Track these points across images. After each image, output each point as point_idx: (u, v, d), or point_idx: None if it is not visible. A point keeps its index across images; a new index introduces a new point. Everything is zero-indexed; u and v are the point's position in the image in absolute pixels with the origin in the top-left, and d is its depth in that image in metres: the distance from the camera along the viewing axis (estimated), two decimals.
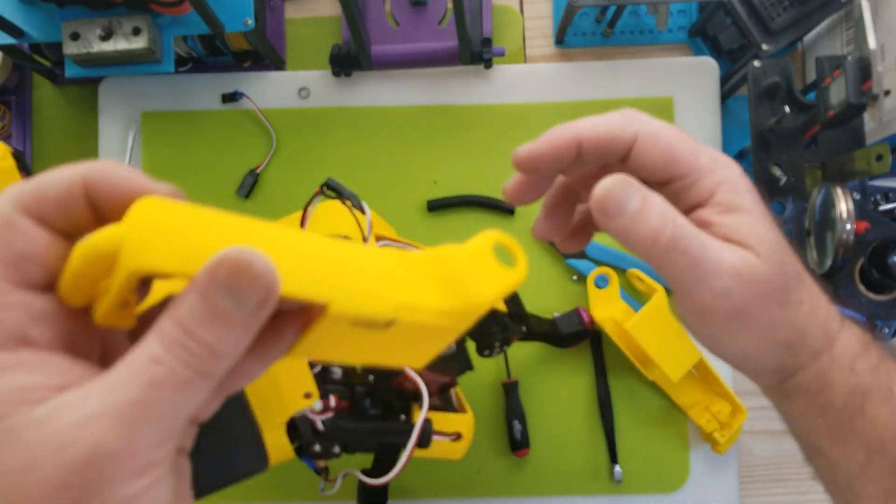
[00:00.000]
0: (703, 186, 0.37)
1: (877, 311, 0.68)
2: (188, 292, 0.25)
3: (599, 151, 0.37)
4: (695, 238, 0.35)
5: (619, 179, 0.34)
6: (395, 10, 0.83)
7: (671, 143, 0.37)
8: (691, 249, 0.34)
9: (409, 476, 0.75)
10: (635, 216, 0.34)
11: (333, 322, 0.27)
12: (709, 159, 0.37)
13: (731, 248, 0.36)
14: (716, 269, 0.35)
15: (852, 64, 0.63)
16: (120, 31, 0.70)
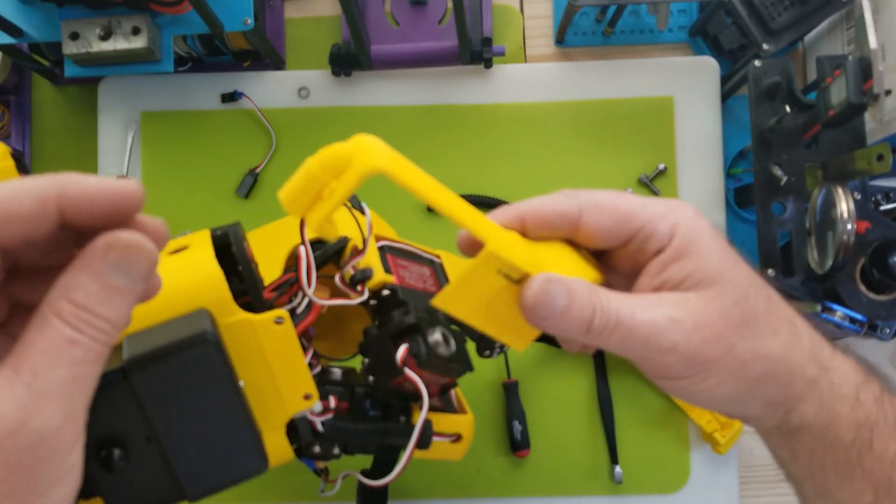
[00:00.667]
0: (660, 232, 0.38)
1: (877, 312, 0.68)
2: (79, 274, 0.28)
3: (545, 228, 0.39)
4: (623, 310, 0.36)
5: (542, 281, 0.36)
6: (395, 10, 0.83)
7: (616, 205, 0.38)
8: (622, 322, 0.35)
9: (409, 477, 0.75)
10: (564, 313, 0.35)
11: (485, 261, 0.35)
12: (659, 206, 0.38)
13: (663, 303, 0.36)
14: (651, 329, 0.35)
15: (853, 63, 0.63)
16: (119, 31, 0.70)
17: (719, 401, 0.38)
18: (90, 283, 0.28)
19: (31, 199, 0.28)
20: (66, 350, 0.27)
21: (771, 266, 0.70)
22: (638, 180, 0.80)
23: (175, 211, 0.81)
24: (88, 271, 0.28)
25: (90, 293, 0.28)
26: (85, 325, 0.28)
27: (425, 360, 0.51)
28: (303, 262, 0.49)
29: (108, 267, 0.28)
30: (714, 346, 0.36)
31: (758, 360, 0.37)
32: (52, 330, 0.27)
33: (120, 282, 0.28)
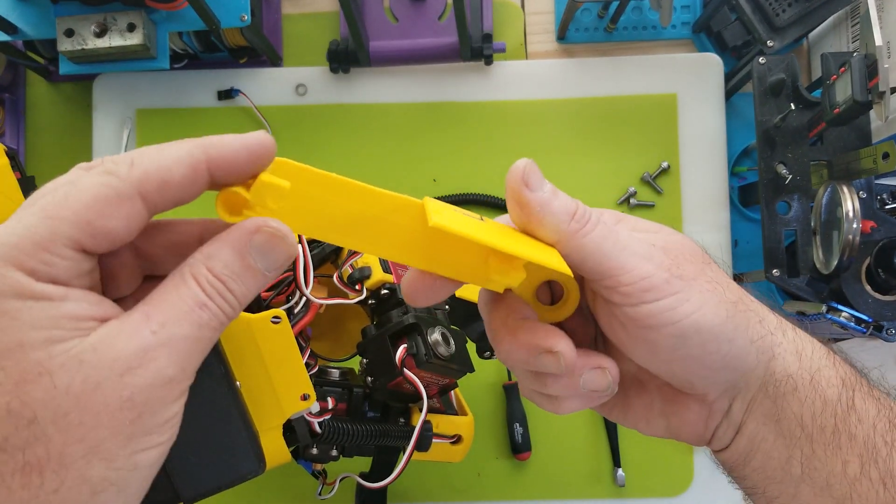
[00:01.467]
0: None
1: (883, 312, 0.67)
2: (223, 247, 0.30)
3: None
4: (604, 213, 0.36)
5: (527, 160, 0.35)
6: (394, 6, 0.82)
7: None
8: (604, 221, 0.35)
9: (408, 479, 0.75)
10: (551, 193, 0.35)
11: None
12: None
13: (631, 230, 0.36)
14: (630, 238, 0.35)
15: (858, 61, 0.62)
16: (115, 28, 0.69)
17: (707, 331, 0.34)
18: (232, 257, 0.30)
19: (184, 166, 0.29)
20: (195, 310, 0.29)
21: (776, 266, 0.70)
22: (641, 178, 0.79)
23: (171, 210, 0.80)
24: (233, 247, 0.30)
25: (228, 267, 0.30)
26: (217, 294, 0.30)
27: (424, 361, 0.51)
28: (300, 260, 0.48)
29: (252, 248, 0.30)
30: (687, 263, 0.35)
31: (729, 283, 0.36)
32: (187, 290, 0.29)
33: (258, 264, 0.30)
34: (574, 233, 0.34)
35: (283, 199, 0.32)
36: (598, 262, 0.34)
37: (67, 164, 0.89)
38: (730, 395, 0.37)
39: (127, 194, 0.29)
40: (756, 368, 0.36)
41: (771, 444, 0.37)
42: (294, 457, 0.52)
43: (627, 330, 0.35)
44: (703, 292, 0.34)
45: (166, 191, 0.29)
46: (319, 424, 0.51)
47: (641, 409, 0.40)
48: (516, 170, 0.34)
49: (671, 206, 0.79)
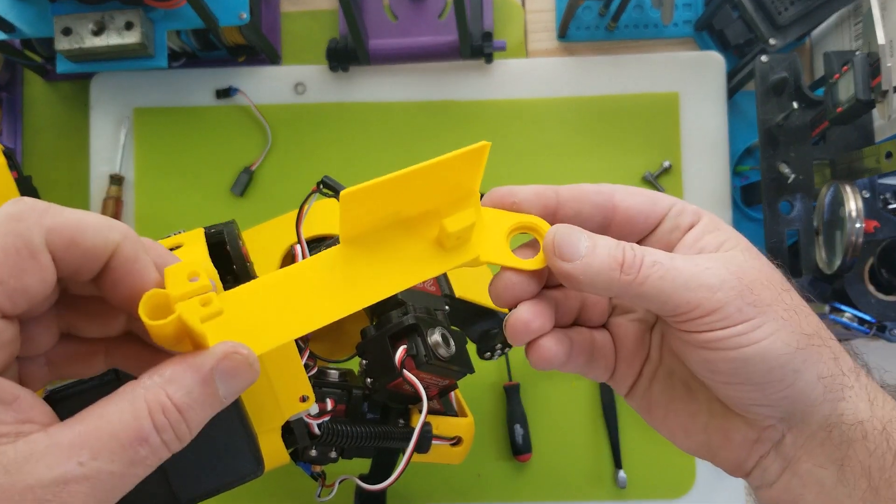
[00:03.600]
0: (692, 209, 0.36)
1: (886, 312, 0.67)
2: (187, 373, 0.27)
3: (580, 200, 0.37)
4: (659, 254, 0.33)
5: (564, 225, 0.34)
6: (394, 4, 0.82)
7: (641, 190, 0.37)
8: (661, 260, 0.32)
9: (407, 481, 0.74)
10: (590, 252, 0.33)
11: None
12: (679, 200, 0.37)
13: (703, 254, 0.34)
14: (694, 268, 0.32)
15: (861, 59, 0.62)
16: (112, 26, 0.69)
17: (773, 358, 0.32)
18: (195, 385, 0.28)
19: (99, 236, 0.28)
20: (133, 446, 0.26)
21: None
22: (642, 178, 0.79)
23: (169, 209, 0.80)
24: (198, 373, 0.28)
25: (190, 395, 0.27)
26: (168, 427, 0.27)
27: (424, 362, 0.50)
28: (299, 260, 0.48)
29: (217, 374, 0.28)
30: (764, 289, 0.32)
31: (803, 310, 0.33)
32: (133, 420, 0.27)
33: (220, 391, 0.28)
34: (628, 285, 0.32)
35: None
36: (663, 304, 0.32)
37: (65, 163, 0.88)
38: (786, 425, 0.34)
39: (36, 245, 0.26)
40: (822, 405, 0.34)
41: (829, 490, 0.34)
42: (293, 458, 0.51)
43: (688, 346, 0.34)
44: (777, 320, 0.32)
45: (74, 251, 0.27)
46: (318, 426, 0.51)
47: (685, 417, 0.38)
48: (548, 246, 0.34)
49: None
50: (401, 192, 0.33)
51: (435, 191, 0.35)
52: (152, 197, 0.80)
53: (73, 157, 0.83)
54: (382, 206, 0.33)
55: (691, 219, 0.36)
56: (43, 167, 0.83)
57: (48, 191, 0.79)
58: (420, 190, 0.34)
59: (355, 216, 0.32)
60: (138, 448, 0.26)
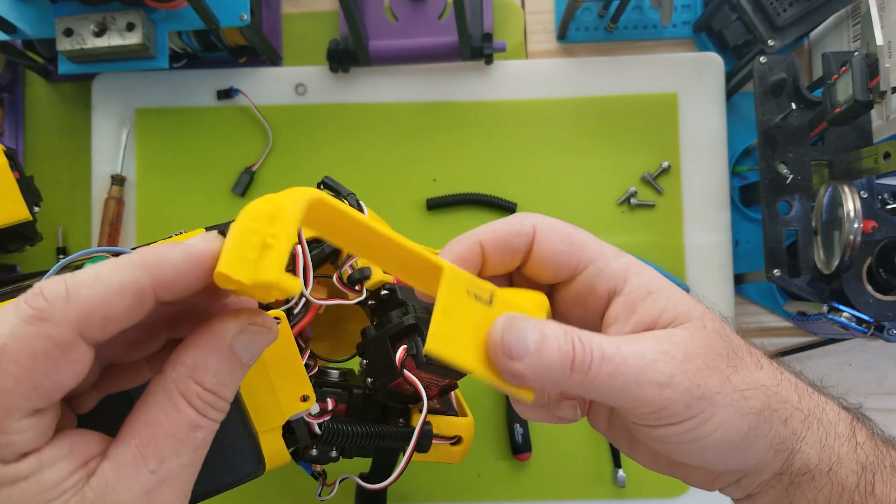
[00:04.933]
0: (614, 271, 0.35)
1: (884, 312, 0.67)
2: (208, 355, 0.28)
3: (502, 249, 0.36)
4: (607, 344, 0.32)
5: (505, 318, 0.32)
6: (394, 5, 0.82)
7: (571, 231, 0.36)
8: (609, 355, 0.32)
9: (408, 480, 0.74)
10: (539, 349, 0.31)
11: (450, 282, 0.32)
12: (612, 248, 0.36)
13: (646, 338, 0.33)
14: (642, 360, 0.32)
15: (859, 60, 0.62)
16: (114, 27, 0.69)
17: (724, 445, 0.34)
18: (220, 363, 0.28)
19: (128, 297, 0.26)
20: (190, 436, 0.28)
21: (777, 266, 0.69)
22: (641, 178, 0.79)
23: (170, 209, 0.80)
24: (219, 353, 0.28)
25: (219, 375, 0.28)
26: (210, 408, 0.28)
27: (424, 362, 0.50)
28: (299, 261, 0.48)
29: (238, 348, 0.29)
30: (710, 376, 0.32)
31: (755, 391, 0.34)
32: (179, 413, 0.28)
33: (244, 358, 0.29)
34: (578, 383, 0.32)
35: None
36: (612, 399, 0.32)
37: (66, 164, 0.89)
38: (737, 475, 0.37)
39: (69, 342, 0.26)
40: (772, 464, 0.35)
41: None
42: (294, 458, 0.51)
43: (640, 430, 0.34)
44: (725, 408, 0.33)
45: (109, 327, 0.26)
46: (319, 425, 0.51)
47: (648, 456, 0.39)
48: (494, 346, 0.32)
49: (672, 206, 0.79)
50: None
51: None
52: (153, 197, 0.81)
53: (74, 157, 0.83)
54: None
55: (612, 284, 0.35)
56: (45, 167, 0.83)
57: (49, 191, 0.79)
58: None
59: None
60: (195, 434, 0.28)
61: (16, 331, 0.25)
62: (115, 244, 0.79)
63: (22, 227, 0.68)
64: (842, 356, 0.79)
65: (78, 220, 0.82)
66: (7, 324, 0.25)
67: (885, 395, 0.79)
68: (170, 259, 0.27)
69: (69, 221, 0.82)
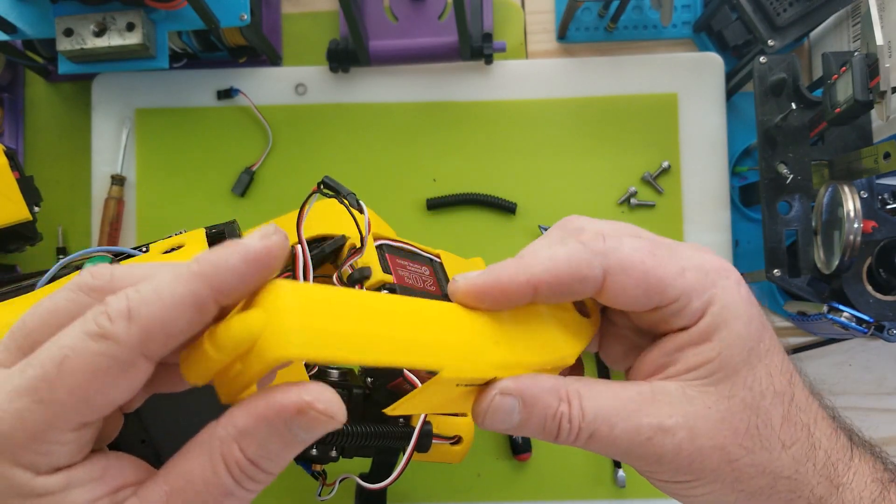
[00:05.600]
0: (691, 311, 0.32)
1: (884, 312, 0.67)
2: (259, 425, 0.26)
3: (560, 295, 0.32)
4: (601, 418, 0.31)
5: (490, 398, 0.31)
6: (394, 5, 0.82)
7: (648, 271, 0.32)
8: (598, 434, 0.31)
9: (408, 480, 0.74)
10: (522, 425, 0.31)
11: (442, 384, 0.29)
12: (696, 276, 0.32)
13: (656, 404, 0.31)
14: (634, 440, 0.31)
15: (859, 60, 0.62)
16: (114, 27, 0.69)
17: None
18: (269, 438, 0.26)
19: (189, 310, 0.25)
20: (220, 501, 0.27)
21: (776, 266, 0.69)
22: (641, 178, 0.79)
23: (170, 209, 0.80)
24: (271, 427, 0.26)
25: (265, 449, 0.26)
26: (249, 480, 0.27)
27: None
28: (299, 260, 0.48)
29: (295, 429, 0.26)
30: (710, 457, 0.31)
31: (760, 476, 0.32)
32: (214, 476, 0.26)
33: (298, 439, 0.27)
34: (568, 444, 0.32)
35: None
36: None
37: (66, 164, 0.88)
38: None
39: (129, 362, 0.25)
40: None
41: None
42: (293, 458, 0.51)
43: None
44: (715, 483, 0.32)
45: (171, 342, 0.26)
46: None
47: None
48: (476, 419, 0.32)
49: (672, 206, 0.79)
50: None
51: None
52: (154, 197, 0.81)
53: (74, 157, 0.83)
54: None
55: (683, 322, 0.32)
56: (45, 167, 0.83)
57: (50, 191, 0.79)
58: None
59: None
60: (225, 501, 0.27)
61: (79, 344, 0.24)
62: (115, 244, 0.79)
63: (22, 227, 0.68)
64: (842, 356, 0.79)
65: (78, 219, 0.82)
66: (71, 336, 0.25)
67: (885, 395, 0.79)
68: (227, 264, 0.25)
69: (69, 221, 0.82)
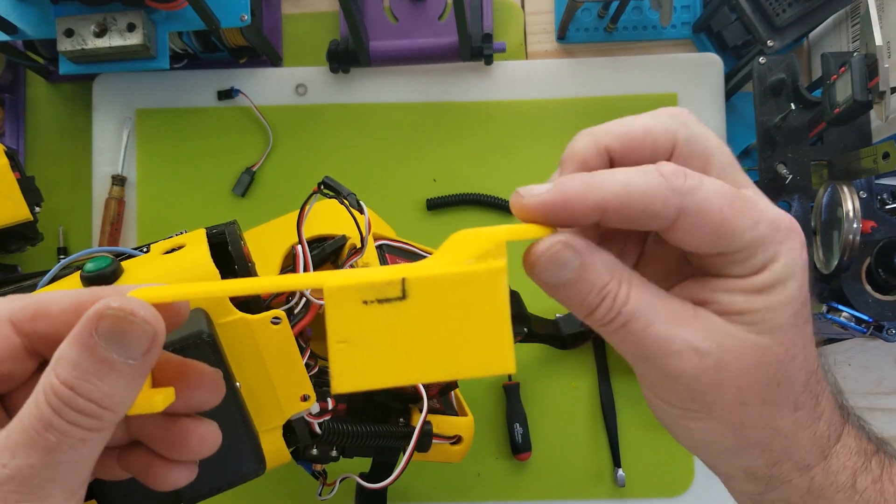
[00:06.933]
0: (754, 263, 0.30)
1: (883, 312, 0.67)
2: (70, 345, 0.25)
3: (627, 223, 0.30)
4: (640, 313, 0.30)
5: (553, 241, 0.29)
6: (394, 6, 0.82)
7: (724, 218, 0.29)
8: (631, 327, 0.30)
9: (408, 480, 0.74)
10: (567, 285, 0.30)
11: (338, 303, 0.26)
12: (768, 230, 0.30)
13: (697, 324, 0.30)
14: (662, 347, 0.30)
15: (858, 60, 0.62)
16: (114, 28, 0.69)
17: (700, 444, 0.33)
18: (78, 355, 0.25)
19: (67, 301, 0.27)
20: (41, 435, 0.25)
21: None
22: None
23: (170, 209, 0.81)
24: (78, 342, 0.26)
25: (77, 367, 0.25)
26: (65, 407, 0.25)
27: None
28: (300, 260, 0.48)
29: (100, 339, 0.25)
30: (727, 393, 0.31)
31: (763, 428, 0.32)
32: (35, 408, 0.26)
33: (115, 355, 0.25)
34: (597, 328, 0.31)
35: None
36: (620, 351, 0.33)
37: (67, 164, 0.89)
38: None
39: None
40: (745, 486, 0.35)
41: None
42: (294, 457, 0.52)
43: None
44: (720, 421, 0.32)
45: (40, 321, 0.27)
46: (319, 425, 0.51)
47: None
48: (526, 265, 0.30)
49: None
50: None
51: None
52: (154, 197, 0.81)
53: (75, 157, 0.83)
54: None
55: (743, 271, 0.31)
56: (45, 168, 0.83)
57: (51, 191, 0.79)
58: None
59: None
60: (47, 435, 0.25)
61: None
62: (116, 244, 0.79)
63: (23, 227, 0.68)
64: (841, 356, 0.79)
65: (79, 220, 0.82)
66: None
67: (884, 394, 0.79)
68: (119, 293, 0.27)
69: (70, 221, 0.82)
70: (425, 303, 0.27)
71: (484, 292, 0.28)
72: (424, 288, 0.27)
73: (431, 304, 0.27)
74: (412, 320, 0.27)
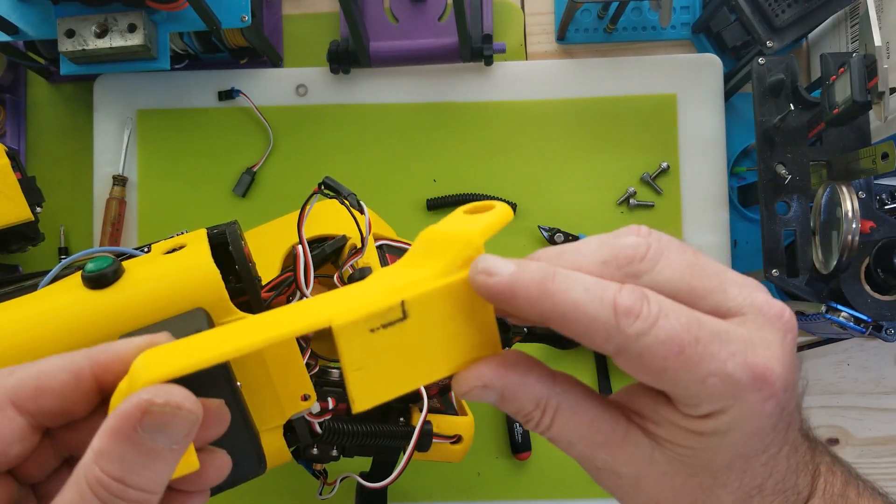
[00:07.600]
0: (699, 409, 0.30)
1: (882, 312, 0.67)
2: (111, 440, 0.26)
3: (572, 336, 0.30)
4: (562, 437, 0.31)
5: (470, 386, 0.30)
6: (395, 6, 0.82)
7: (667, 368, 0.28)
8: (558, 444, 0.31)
9: (408, 479, 0.75)
10: (497, 405, 0.31)
11: (348, 338, 0.28)
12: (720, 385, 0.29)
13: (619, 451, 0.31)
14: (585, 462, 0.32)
15: (857, 61, 0.62)
16: (115, 28, 0.69)
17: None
18: (123, 450, 0.26)
19: (65, 373, 0.28)
20: None
21: (775, 266, 0.70)
22: (640, 179, 0.79)
23: (171, 210, 0.81)
24: (120, 439, 0.26)
25: (123, 461, 0.26)
26: (115, 498, 0.26)
27: None
28: (300, 261, 0.48)
29: (145, 432, 0.26)
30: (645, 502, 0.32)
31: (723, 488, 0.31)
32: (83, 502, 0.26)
33: (159, 444, 0.26)
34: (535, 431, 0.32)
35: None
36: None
37: (68, 164, 0.89)
38: None
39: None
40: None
41: None
42: (294, 457, 0.52)
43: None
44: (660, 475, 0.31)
45: (43, 398, 0.28)
46: (320, 425, 0.51)
47: None
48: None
49: (671, 207, 0.79)
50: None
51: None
52: (155, 198, 0.81)
53: (76, 157, 0.83)
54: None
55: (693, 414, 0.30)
56: (46, 168, 0.83)
57: (52, 191, 0.79)
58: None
59: None
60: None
61: None
62: (117, 244, 0.79)
63: (24, 228, 0.68)
64: (840, 356, 0.79)
65: (80, 220, 0.82)
66: None
67: (883, 394, 0.79)
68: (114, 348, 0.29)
69: (71, 222, 0.83)
70: (424, 316, 0.29)
71: (472, 293, 0.30)
72: (422, 304, 0.29)
73: (430, 315, 0.30)
74: (414, 334, 0.29)
